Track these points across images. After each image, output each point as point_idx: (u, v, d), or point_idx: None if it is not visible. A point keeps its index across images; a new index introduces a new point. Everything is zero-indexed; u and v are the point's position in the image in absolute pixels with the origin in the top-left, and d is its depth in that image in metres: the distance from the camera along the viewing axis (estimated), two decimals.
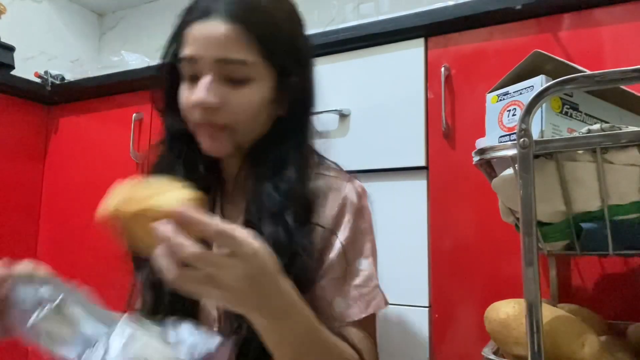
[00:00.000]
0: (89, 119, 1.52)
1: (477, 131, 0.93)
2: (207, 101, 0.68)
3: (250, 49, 0.68)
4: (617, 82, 0.51)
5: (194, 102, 0.69)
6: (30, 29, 2.02)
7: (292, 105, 0.74)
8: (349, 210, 0.74)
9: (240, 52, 0.68)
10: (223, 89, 0.69)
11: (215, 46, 0.67)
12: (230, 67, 0.68)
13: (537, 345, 0.50)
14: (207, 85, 0.68)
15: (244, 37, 0.68)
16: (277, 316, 0.55)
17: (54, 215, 1.54)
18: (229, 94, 0.69)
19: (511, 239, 0.90)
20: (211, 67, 0.68)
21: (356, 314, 0.71)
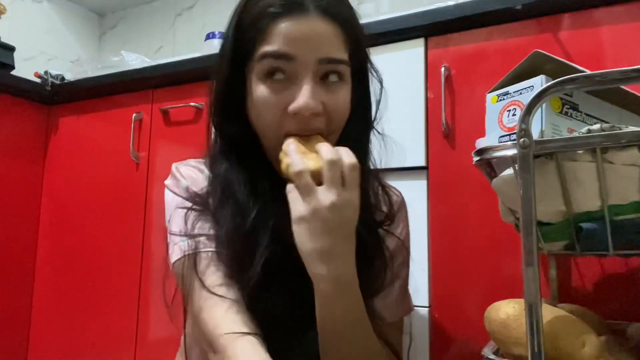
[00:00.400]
0: (89, 119, 1.52)
1: (477, 131, 0.93)
2: (316, 108, 0.61)
3: (346, 48, 0.64)
4: (617, 82, 0.51)
5: (298, 109, 0.60)
6: (30, 29, 2.02)
7: (359, 111, 0.69)
8: (407, 221, 0.80)
9: (342, 52, 0.63)
10: (322, 93, 0.62)
11: (317, 44, 0.61)
12: (330, 67, 0.63)
13: (537, 345, 0.50)
14: (311, 91, 0.61)
15: (342, 36, 0.63)
16: (340, 282, 0.57)
17: (54, 215, 1.54)
18: (328, 99, 0.63)
19: (511, 239, 0.90)
20: (310, 68, 0.61)
21: (394, 315, 0.75)
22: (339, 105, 0.64)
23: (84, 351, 1.42)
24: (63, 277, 1.49)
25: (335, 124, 0.64)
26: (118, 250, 1.39)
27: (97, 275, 1.43)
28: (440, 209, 0.98)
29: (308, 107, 0.60)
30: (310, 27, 0.61)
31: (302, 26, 0.61)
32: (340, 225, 0.55)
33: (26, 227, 1.52)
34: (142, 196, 1.37)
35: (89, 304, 1.43)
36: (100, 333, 1.39)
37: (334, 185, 0.55)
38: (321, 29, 0.61)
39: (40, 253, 1.54)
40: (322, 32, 0.61)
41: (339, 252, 0.56)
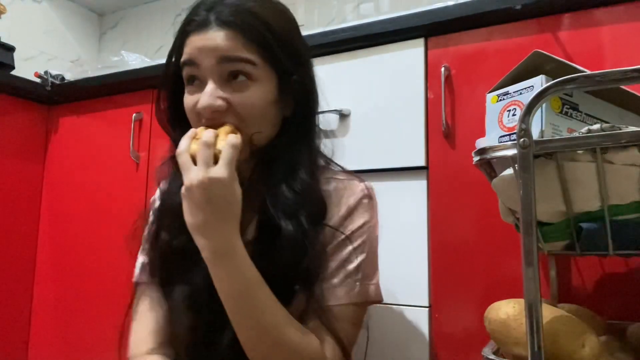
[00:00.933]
0: (89, 119, 1.52)
1: (477, 131, 0.93)
2: (214, 105, 0.69)
3: (251, 51, 0.71)
4: (618, 82, 0.51)
5: (200, 108, 0.69)
6: (30, 29, 2.02)
7: (297, 106, 0.76)
8: (359, 209, 0.77)
9: (242, 52, 0.70)
10: (226, 91, 0.70)
11: (214, 50, 0.70)
12: (231, 67, 0.70)
13: (537, 345, 0.50)
14: (211, 90, 0.69)
15: (242, 39, 0.70)
16: (217, 253, 0.64)
17: (54, 215, 1.54)
18: (233, 97, 0.70)
19: (511, 239, 0.90)
20: (213, 70, 0.70)
21: (339, 299, 0.73)
22: (246, 101, 0.70)
23: (84, 351, 1.41)
24: (63, 277, 1.49)
25: (246, 119, 0.71)
26: (118, 250, 1.39)
27: (97, 275, 1.43)
28: (440, 209, 0.98)
29: (206, 105, 0.69)
30: (210, 36, 0.70)
31: (203, 37, 0.71)
32: (208, 202, 0.62)
33: (26, 227, 1.52)
34: (142, 196, 1.37)
35: (89, 304, 1.43)
36: (101, 333, 1.39)
37: (203, 164, 0.63)
38: (219, 36, 0.70)
39: (40, 253, 1.54)
40: (219, 39, 0.70)
41: (212, 226, 0.63)
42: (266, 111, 0.73)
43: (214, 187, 0.62)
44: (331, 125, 1.09)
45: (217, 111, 0.70)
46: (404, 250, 0.99)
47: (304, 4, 1.82)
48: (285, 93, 0.75)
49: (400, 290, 0.98)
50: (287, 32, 0.76)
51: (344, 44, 1.09)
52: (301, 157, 0.75)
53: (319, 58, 1.12)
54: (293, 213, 0.71)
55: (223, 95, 0.70)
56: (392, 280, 0.99)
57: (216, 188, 0.62)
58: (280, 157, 0.74)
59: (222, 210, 0.63)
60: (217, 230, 0.64)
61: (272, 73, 0.73)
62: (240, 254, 0.66)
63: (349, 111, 1.08)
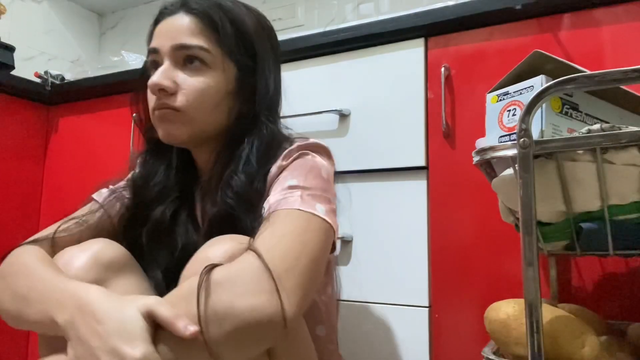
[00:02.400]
0: (89, 119, 1.52)
1: (477, 131, 0.93)
2: (161, 83, 0.71)
3: (208, 38, 0.73)
4: (618, 82, 0.51)
5: (150, 85, 0.72)
6: (30, 29, 2.02)
7: (254, 104, 0.76)
8: (288, 156, 0.72)
9: (197, 39, 0.73)
10: (179, 73, 0.73)
11: (174, 35, 0.73)
12: (186, 52, 0.73)
13: (537, 345, 0.50)
14: (162, 70, 0.73)
15: (202, 27, 0.73)
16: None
17: (54, 215, 1.54)
18: (184, 79, 0.73)
19: (511, 239, 0.90)
20: (169, 54, 0.73)
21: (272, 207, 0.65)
22: (194, 85, 0.73)
23: None
24: None
25: (192, 102, 0.72)
26: None
27: None
28: (440, 209, 0.98)
29: (155, 82, 0.72)
30: (171, 23, 0.74)
31: (166, 24, 0.75)
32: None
33: (26, 227, 1.52)
34: None
35: None
36: None
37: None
38: (179, 22, 0.74)
39: None
40: (178, 25, 0.73)
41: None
42: (217, 100, 0.74)
43: None
44: (331, 125, 1.09)
45: (164, 90, 0.72)
46: (404, 250, 0.99)
47: (304, 4, 1.82)
48: (244, 88, 0.76)
49: (400, 290, 0.98)
50: (252, 33, 0.77)
51: (344, 44, 1.09)
52: (251, 153, 0.73)
53: (319, 58, 1.13)
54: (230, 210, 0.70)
55: (174, 77, 0.73)
56: (392, 280, 0.99)
57: None
58: (230, 151, 0.75)
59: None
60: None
61: (231, 65, 0.75)
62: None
63: (349, 111, 1.08)
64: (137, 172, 0.84)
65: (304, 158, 0.72)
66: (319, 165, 0.72)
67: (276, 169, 0.71)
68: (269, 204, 0.66)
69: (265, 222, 0.63)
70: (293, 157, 0.72)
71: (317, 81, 1.12)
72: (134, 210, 0.80)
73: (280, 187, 0.67)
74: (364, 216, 1.03)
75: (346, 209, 1.01)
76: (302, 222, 0.62)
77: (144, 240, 0.77)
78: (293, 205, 0.63)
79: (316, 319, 0.78)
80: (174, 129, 0.74)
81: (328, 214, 0.66)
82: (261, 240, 0.59)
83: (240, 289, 0.53)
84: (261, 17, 0.82)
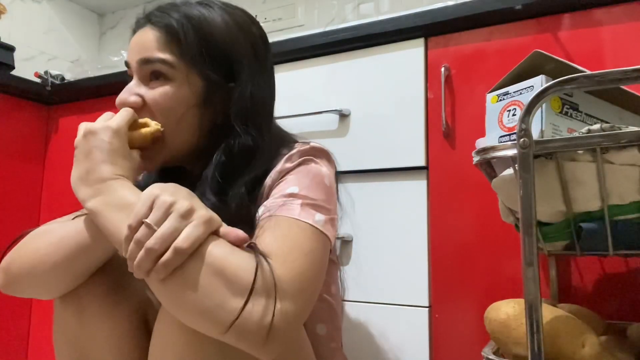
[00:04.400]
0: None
1: (477, 131, 0.93)
2: (126, 100, 0.72)
3: (171, 52, 0.72)
4: (617, 82, 0.51)
5: (117, 103, 0.73)
6: (30, 29, 2.02)
7: (227, 115, 0.73)
8: (290, 160, 0.71)
9: (160, 53, 0.72)
10: (143, 89, 0.73)
11: (140, 49, 0.73)
12: (150, 67, 0.72)
13: (537, 345, 0.50)
14: (128, 87, 0.73)
15: (165, 41, 0.72)
16: (107, 203, 0.61)
17: (54, 215, 1.54)
18: (146, 94, 0.72)
19: (511, 239, 0.90)
20: (136, 70, 0.73)
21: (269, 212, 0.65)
22: (158, 99, 0.72)
23: None
24: None
25: (160, 116, 0.72)
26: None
27: None
28: (440, 209, 0.98)
29: (120, 100, 0.73)
30: (139, 37, 0.74)
31: (135, 37, 0.75)
32: (91, 150, 0.66)
33: (26, 227, 1.51)
34: None
35: None
36: None
37: (98, 121, 0.70)
38: (145, 36, 0.73)
39: None
40: (144, 39, 0.73)
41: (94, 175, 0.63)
42: (181, 113, 0.72)
43: (98, 136, 0.67)
44: (331, 125, 1.09)
45: (130, 105, 0.72)
46: (404, 250, 0.99)
47: (304, 4, 1.82)
48: (213, 100, 0.73)
49: (400, 290, 0.98)
50: (223, 39, 0.73)
51: (344, 44, 1.09)
52: (213, 173, 0.70)
53: (319, 58, 1.13)
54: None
55: (139, 92, 0.73)
56: (392, 280, 0.99)
57: (100, 136, 0.67)
58: (203, 167, 0.72)
59: (106, 158, 0.65)
60: (92, 174, 0.64)
61: (195, 77, 0.72)
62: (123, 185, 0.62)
63: (349, 111, 1.08)
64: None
65: (307, 165, 0.71)
66: (322, 174, 0.71)
67: (277, 172, 0.70)
68: (268, 206, 0.65)
69: (263, 225, 0.62)
70: (296, 163, 0.70)
71: (317, 81, 1.12)
72: None
73: (281, 192, 0.66)
74: (364, 216, 1.03)
75: (349, 212, 1.01)
76: (299, 231, 0.62)
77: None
78: (292, 213, 0.63)
79: (317, 317, 0.78)
80: (147, 154, 0.72)
81: (326, 224, 0.65)
82: (264, 245, 0.58)
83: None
84: (242, 21, 0.77)
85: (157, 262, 0.51)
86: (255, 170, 0.71)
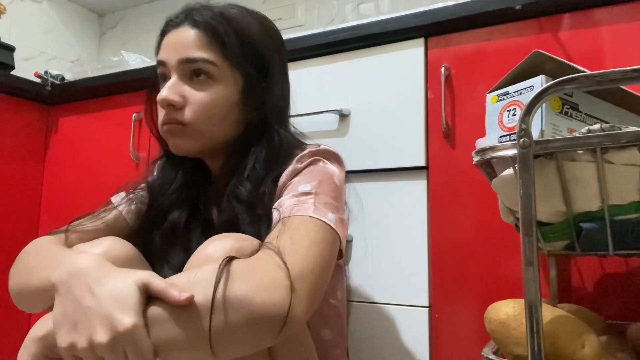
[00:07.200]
0: (89, 119, 1.52)
1: (477, 131, 0.93)
2: (169, 99, 0.72)
3: (214, 51, 0.74)
4: (617, 82, 0.51)
5: (159, 100, 0.73)
6: (30, 29, 2.02)
7: (263, 112, 0.77)
8: (301, 161, 0.73)
9: (203, 52, 0.73)
10: (186, 88, 0.74)
11: (180, 48, 0.74)
12: (193, 66, 0.73)
13: (537, 345, 0.50)
14: (170, 85, 0.73)
15: (208, 40, 0.74)
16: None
17: (54, 215, 1.54)
18: (191, 93, 0.74)
19: (511, 239, 0.90)
20: (176, 68, 0.74)
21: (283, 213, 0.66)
22: (201, 99, 0.73)
23: None
24: None
25: (199, 116, 0.73)
26: None
27: None
28: (440, 209, 0.98)
29: (163, 97, 0.73)
30: (177, 35, 0.75)
31: (172, 36, 0.76)
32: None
33: (26, 227, 1.52)
34: None
35: None
36: None
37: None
38: (184, 35, 0.74)
39: None
40: (184, 38, 0.74)
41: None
42: (225, 112, 0.75)
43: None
44: (331, 125, 1.09)
45: (172, 105, 0.73)
46: (404, 250, 0.99)
47: (304, 4, 1.82)
48: (251, 97, 0.77)
49: (400, 290, 0.98)
50: (258, 40, 0.78)
51: (344, 44, 1.09)
52: (260, 160, 0.74)
53: (319, 58, 1.13)
54: (235, 220, 0.71)
55: (182, 91, 0.74)
56: (392, 280, 0.99)
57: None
58: (239, 158, 0.76)
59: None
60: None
61: (237, 76, 0.76)
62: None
63: (349, 111, 1.08)
64: (155, 178, 0.85)
65: (316, 164, 0.73)
66: (331, 173, 0.73)
67: (289, 172, 0.72)
68: (282, 208, 0.66)
69: (280, 225, 0.64)
70: (306, 163, 0.73)
71: (317, 81, 1.12)
72: (150, 214, 0.81)
73: (293, 191, 0.68)
74: (364, 216, 1.03)
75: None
76: (315, 230, 0.64)
77: (157, 243, 0.78)
78: (307, 212, 0.65)
79: (322, 322, 0.78)
80: (182, 143, 0.76)
81: (337, 223, 0.67)
82: (279, 242, 0.60)
83: (259, 282, 0.54)
84: (265, 21, 0.82)
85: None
86: (281, 167, 0.74)
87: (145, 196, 0.84)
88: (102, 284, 0.53)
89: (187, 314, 0.52)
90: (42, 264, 0.65)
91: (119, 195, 0.86)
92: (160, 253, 0.77)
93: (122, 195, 0.85)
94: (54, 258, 0.63)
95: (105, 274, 0.54)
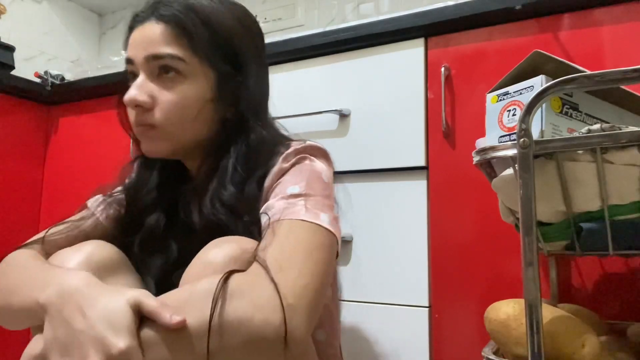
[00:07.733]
0: (89, 119, 1.52)
1: (477, 131, 0.93)
2: (137, 99, 0.69)
3: (182, 46, 0.69)
4: (617, 82, 0.51)
5: (125, 101, 0.70)
6: (30, 29, 2.02)
7: (239, 108, 0.73)
8: (286, 160, 0.70)
9: (170, 48, 0.69)
10: (154, 87, 0.70)
11: (146, 44, 0.70)
12: (160, 62, 0.69)
13: (537, 345, 0.50)
14: (138, 84, 0.70)
15: (175, 35, 0.69)
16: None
17: (54, 215, 1.54)
18: (160, 93, 0.70)
19: (511, 239, 0.90)
20: (143, 66, 0.70)
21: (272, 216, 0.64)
22: (170, 99, 0.70)
23: None
24: None
25: (170, 117, 0.70)
26: None
27: None
28: (440, 209, 0.98)
29: (130, 97, 0.69)
30: (143, 31, 0.71)
31: (138, 32, 0.71)
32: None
33: (26, 227, 1.52)
34: None
35: None
36: None
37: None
38: (151, 31, 0.70)
39: None
40: (150, 34, 0.70)
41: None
42: (197, 110, 0.71)
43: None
44: (331, 125, 1.09)
45: (140, 106, 0.70)
46: (404, 250, 0.99)
47: (304, 4, 1.82)
48: (225, 94, 0.73)
49: (400, 290, 0.98)
50: (230, 32, 0.73)
51: (344, 44, 1.09)
52: (236, 158, 0.71)
53: (319, 58, 1.13)
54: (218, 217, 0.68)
55: (150, 91, 0.70)
56: (392, 280, 0.99)
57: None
58: (216, 157, 0.72)
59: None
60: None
61: (208, 71, 0.71)
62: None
63: (349, 111, 1.08)
64: (130, 180, 0.82)
65: (303, 163, 0.70)
66: (319, 170, 0.70)
67: (275, 173, 0.69)
68: (272, 211, 0.64)
69: (269, 231, 0.61)
70: (292, 162, 0.69)
71: (317, 81, 1.12)
72: (128, 218, 0.78)
73: (281, 193, 0.65)
74: (364, 216, 1.03)
75: (346, 210, 1.01)
76: (309, 235, 0.61)
77: (136, 248, 0.74)
78: (298, 215, 0.62)
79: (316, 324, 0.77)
80: (153, 146, 0.72)
81: (332, 223, 0.64)
82: (271, 254, 0.57)
83: (256, 302, 0.52)
84: (242, 15, 0.76)
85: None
86: (264, 165, 0.71)
87: (123, 198, 0.81)
88: (93, 305, 0.50)
89: (183, 336, 0.50)
90: (24, 282, 0.61)
91: (96, 199, 0.83)
92: (140, 259, 0.74)
93: (99, 198, 0.83)
94: (38, 276, 0.60)
95: (96, 293, 0.52)
